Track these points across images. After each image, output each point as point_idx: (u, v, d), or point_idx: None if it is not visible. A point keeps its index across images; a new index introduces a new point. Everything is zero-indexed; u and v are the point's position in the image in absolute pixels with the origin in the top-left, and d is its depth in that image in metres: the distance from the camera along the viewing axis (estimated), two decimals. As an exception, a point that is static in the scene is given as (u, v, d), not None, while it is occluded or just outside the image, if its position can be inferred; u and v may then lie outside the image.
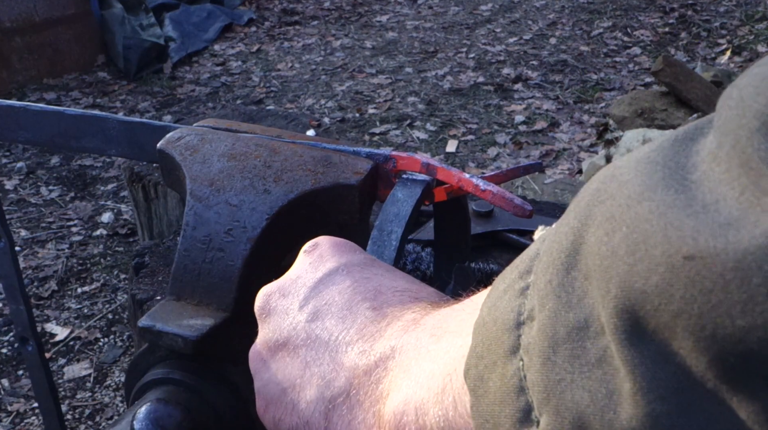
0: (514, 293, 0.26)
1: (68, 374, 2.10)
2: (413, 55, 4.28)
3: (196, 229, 0.55)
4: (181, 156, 0.59)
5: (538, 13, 4.81)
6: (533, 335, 0.24)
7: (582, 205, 0.23)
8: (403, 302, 0.38)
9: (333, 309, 0.38)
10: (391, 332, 0.36)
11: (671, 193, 0.20)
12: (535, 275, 0.25)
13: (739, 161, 0.19)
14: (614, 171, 0.23)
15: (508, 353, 0.25)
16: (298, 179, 0.56)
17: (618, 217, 0.21)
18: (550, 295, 0.23)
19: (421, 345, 0.33)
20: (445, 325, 0.33)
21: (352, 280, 0.39)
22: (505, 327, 0.26)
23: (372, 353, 0.35)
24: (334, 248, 0.42)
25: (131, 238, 2.69)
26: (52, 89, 4.02)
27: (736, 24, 4.35)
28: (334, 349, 0.37)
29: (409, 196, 0.57)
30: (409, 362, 0.33)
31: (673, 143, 0.22)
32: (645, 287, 0.20)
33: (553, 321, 0.23)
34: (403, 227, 0.55)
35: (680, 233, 0.19)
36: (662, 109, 2.94)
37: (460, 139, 3.28)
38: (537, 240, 0.28)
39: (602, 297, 0.21)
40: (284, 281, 0.41)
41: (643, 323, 0.20)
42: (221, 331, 0.51)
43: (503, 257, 0.93)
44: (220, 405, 0.50)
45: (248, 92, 3.94)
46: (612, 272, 0.21)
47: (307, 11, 5.17)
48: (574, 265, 0.23)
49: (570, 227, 0.23)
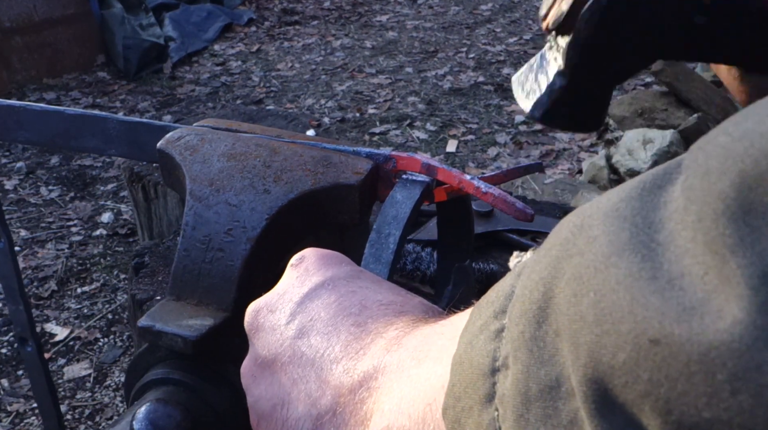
0: (489, 334, 0.26)
1: (68, 374, 2.10)
2: (413, 55, 4.28)
3: (195, 229, 0.55)
4: (180, 156, 0.59)
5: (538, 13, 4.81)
6: (507, 387, 0.24)
7: (552, 255, 0.23)
8: (388, 316, 0.38)
9: (318, 325, 0.38)
10: (374, 350, 0.36)
11: (637, 260, 0.20)
12: (509, 319, 0.25)
13: (704, 239, 0.19)
14: (583, 220, 0.23)
15: (484, 400, 0.25)
16: (298, 179, 0.56)
17: (586, 279, 0.21)
18: (523, 347, 0.24)
19: (402, 367, 0.34)
20: (426, 348, 0.33)
21: (337, 294, 0.39)
22: (481, 372, 0.26)
23: (356, 372, 0.35)
24: (320, 261, 0.42)
25: (131, 238, 2.69)
26: (52, 89, 4.02)
27: (736, 24, 4.35)
28: (319, 366, 0.37)
29: (407, 198, 0.57)
30: (391, 384, 0.34)
31: (641, 193, 0.22)
32: (613, 362, 0.20)
33: (526, 376, 0.23)
34: (401, 229, 0.55)
35: (646, 313, 0.19)
36: (662, 109, 2.94)
37: (460, 139, 3.28)
38: (512, 273, 0.27)
39: (572, 361, 0.22)
40: (271, 297, 0.42)
41: (612, 395, 0.20)
42: (221, 331, 0.51)
43: (503, 257, 0.93)
44: (219, 405, 0.50)
45: (248, 92, 3.94)
46: (581, 339, 0.21)
47: (307, 11, 5.17)
48: (545, 319, 0.23)
49: (540, 277, 0.24)
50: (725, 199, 0.19)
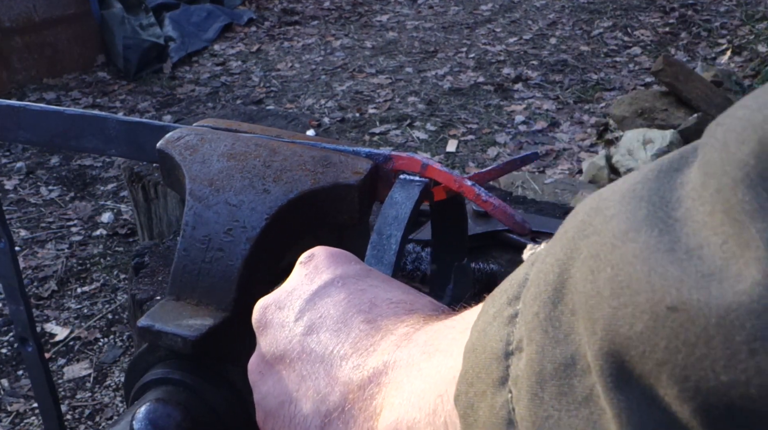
0: (503, 320, 0.26)
1: (68, 374, 2.10)
2: (413, 55, 4.28)
3: (195, 229, 0.55)
4: (180, 156, 0.59)
5: (538, 13, 4.81)
6: (521, 368, 0.24)
7: (568, 237, 0.24)
8: (398, 314, 0.38)
9: (328, 322, 0.38)
10: (385, 346, 0.36)
11: (655, 234, 0.20)
12: (523, 303, 0.25)
13: (723, 208, 0.19)
14: (599, 203, 0.23)
15: (497, 383, 0.25)
16: (297, 179, 0.56)
17: (603, 256, 0.21)
18: (538, 328, 0.24)
19: (413, 362, 0.34)
20: (437, 342, 0.33)
21: (347, 292, 0.39)
22: (494, 356, 0.26)
23: (365, 368, 0.35)
24: (330, 259, 0.42)
25: (131, 238, 2.69)
26: (52, 89, 4.02)
27: (736, 24, 4.35)
28: (329, 363, 0.37)
29: (407, 199, 0.57)
30: (401, 379, 0.34)
31: (657, 174, 0.22)
32: (630, 333, 0.20)
33: (541, 356, 0.23)
34: (402, 230, 0.55)
35: (664, 282, 0.19)
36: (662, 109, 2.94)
37: (460, 139, 3.28)
38: (525, 263, 0.27)
39: (588, 337, 0.22)
40: (280, 293, 0.41)
41: (629, 367, 0.20)
42: (221, 331, 0.51)
43: (503, 257, 0.93)
44: (219, 405, 0.50)
45: (248, 92, 3.94)
46: (597, 314, 0.21)
47: (307, 11, 5.17)
48: (560, 299, 0.23)
49: (556, 259, 0.24)
50: (744, 167, 0.19)
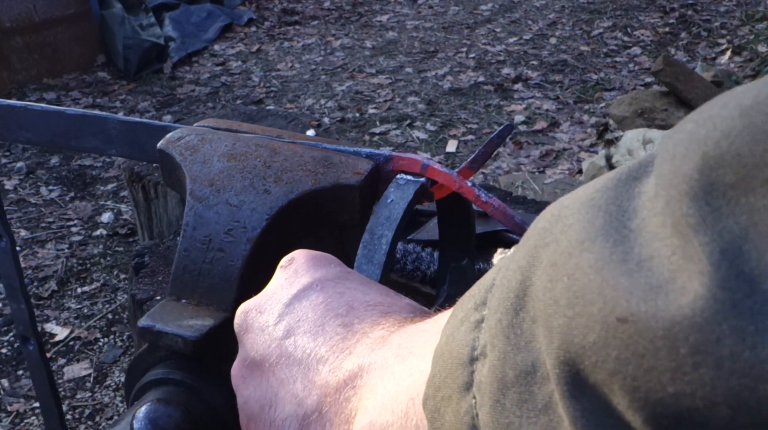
0: (469, 325, 0.27)
1: (68, 374, 2.10)
2: (413, 55, 4.28)
3: (196, 229, 0.55)
4: (181, 156, 0.59)
5: (538, 13, 4.81)
6: (485, 374, 0.24)
7: (530, 245, 0.24)
8: (374, 317, 0.38)
9: (306, 326, 0.38)
10: (360, 349, 0.36)
11: (609, 244, 0.21)
12: (488, 309, 0.26)
13: (672, 221, 0.19)
14: (560, 211, 0.23)
15: (462, 388, 0.26)
16: (298, 179, 0.56)
17: (560, 265, 0.22)
18: (500, 335, 0.24)
19: (386, 365, 0.34)
20: (410, 345, 0.34)
21: (325, 295, 0.39)
22: (460, 361, 0.26)
23: (341, 371, 0.36)
24: (310, 262, 0.42)
25: (131, 238, 2.69)
26: (52, 89, 4.02)
27: (736, 24, 4.35)
28: (306, 367, 0.37)
29: (401, 199, 0.57)
30: (375, 382, 0.34)
31: (617, 183, 0.22)
32: (583, 342, 0.20)
33: (503, 363, 0.24)
34: (394, 230, 0.55)
35: (614, 293, 0.20)
36: (662, 109, 2.94)
37: (460, 139, 3.28)
38: (494, 268, 0.28)
39: (546, 345, 0.22)
40: (261, 298, 0.42)
41: (583, 376, 0.21)
42: (221, 331, 0.51)
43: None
44: (219, 405, 0.50)
45: (248, 92, 3.94)
46: (554, 322, 0.21)
47: (307, 11, 5.17)
48: (522, 306, 0.23)
49: (518, 266, 0.24)
50: (689, 181, 0.19)
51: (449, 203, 0.64)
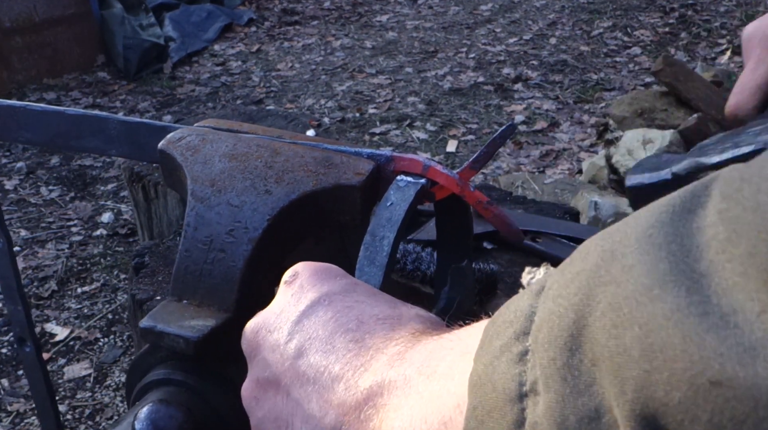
0: (512, 357, 0.26)
1: (68, 374, 2.10)
2: (413, 55, 4.27)
3: (197, 229, 0.55)
4: (182, 156, 0.59)
5: (538, 13, 4.81)
6: (539, 414, 0.24)
7: (581, 281, 0.23)
8: (385, 331, 0.38)
9: (317, 344, 0.38)
10: (376, 366, 0.36)
11: (683, 293, 0.20)
12: (534, 342, 0.25)
13: (758, 274, 0.19)
14: (613, 247, 0.23)
15: (512, 426, 0.25)
16: (299, 180, 0.56)
17: (626, 312, 0.21)
18: (555, 376, 0.23)
19: (410, 383, 0.34)
20: (434, 364, 0.33)
21: (333, 311, 0.39)
22: (507, 397, 0.26)
23: (358, 389, 0.35)
24: (314, 277, 0.42)
25: (131, 238, 2.69)
26: (52, 89, 4.02)
27: (736, 24, 4.35)
28: (321, 386, 0.37)
29: (401, 200, 0.57)
30: (399, 401, 0.34)
31: (672, 217, 0.22)
32: (666, 400, 0.20)
33: (561, 406, 0.23)
34: (396, 232, 0.55)
35: (702, 352, 0.19)
36: (662, 109, 2.94)
37: (460, 139, 3.27)
38: (528, 291, 0.27)
39: (616, 395, 0.21)
40: (269, 316, 0.41)
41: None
42: (223, 332, 0.51)
43: (503, 257, 0.92)
44: (221, 406, 0.50)
45: (248, 92, 3.93)
46: (626, 373, 0.21)
47: (307, 11, 5.17)
48: (578, 347, 0.23)
49: (570, 303, 0.23)
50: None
51: (448, 204, 0.63)
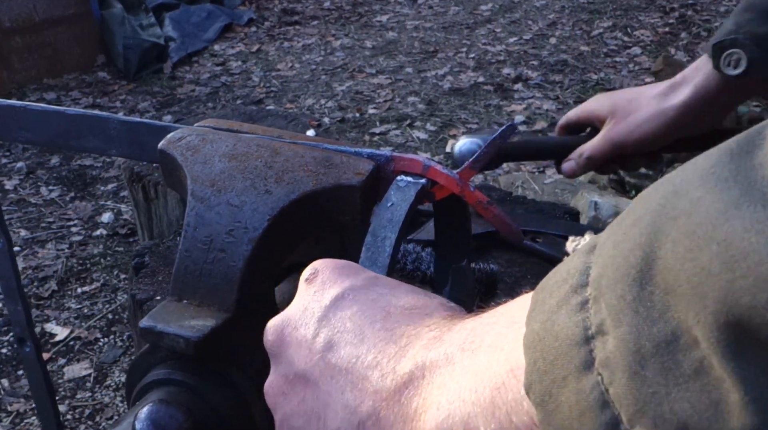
0: (572, 307, 0.27)
1: (68, 374, 2.10)
2: (413, 55, 4.28)
3: (197, 229, 0.55)
4: (182, 156, 0.59)
5: (538, 13, 4.81)
6: (611, 350, 0.25)
7: (646, 221, 0.24)
8: (414, 320, 0.38)
9: (346, 336, 0.39)
10: (413, 351, 0.36)
11: (759, 208, 0.21)
12: (595, 289, 0.26)
13: None
14: (676, 187, 0.24)
15: (581, 368, 0.26)
16: (299, 180, 0.56)
17: (702, 235, 0.22)
18: (626, 310, 0.24)
19: (453, 361, 0.34)
20: (478, 340, 0.34)
21: (359, 304, 0.40)
22: (572, 342, 0.26)
23: (397, 374, 0.36)
24: (335, 273, 0.42)
25: (131, 238, 2.69)
26: (52, 89, 4.02)
27: (736, 24, 4.35)
28: (354, 375, 0.37)
29: (402, 201, 0.57)
30: (443, 379, 0.34)
31: (732, 157, 0.23)
32: (753, 302, 0.20)
33: (636, 336, 0.24)
34: (397, 232, 0.55)
35: None
36: (662, 110, 2.94)
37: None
38: (579, 252, 0.28)
39: (696, 312, 0.22)
40: (293, 313, 0.42)
41: (751, 335, 0.21)
42: (223, 332, 0.51)
43: (503, 257, 0.92)
44: (221, 406, 0.50)
45: (248, 92, 3.94)
46: (706, 290, 0.22)
47: (307, 11, 5.17)
48: (648, 280, 0.24)
49: (636, 243, 0.24)
50: None
51: (446, 204, 0.64)
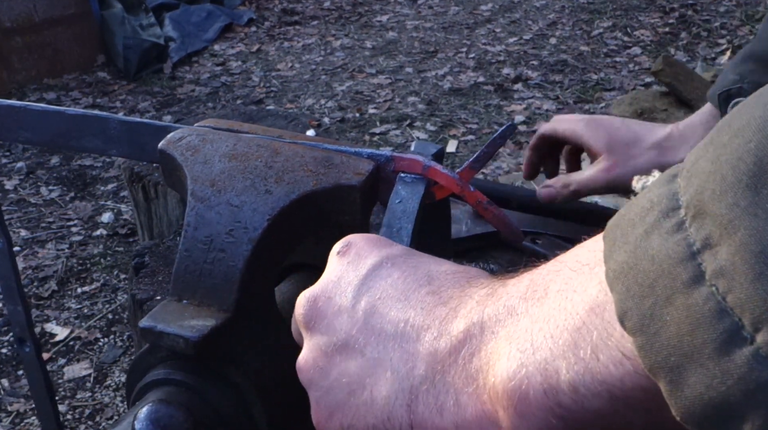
0: (665, 231, 0.27)
1: (68, 374, 2.10)
2: (413, 55, 4.28)
3: (197, 229, 0.55)
4: (182, 156, 0.59)
5: (538, 13, 4.81)
6: (725, 258, 0.25)
7: (752, 129, 0.25)
8: (460, 283, 0.38)
9: (390, 302, 0.37)
10: (466, 311, 0.35)
11: None
12: (694, 208, 0.26)
13: None
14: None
15: (689, 283, 0.26)
16: (299, 180, 0.56)
17: None
18: (742, 216, 0.24)
19: (517, 311, 0.33)
20: (541, 288, 0.33)
21: (400, 271, 0.39)
22: (674, 261, 0.26)
23: (452, 335, 0.35)
24: (370, 244, 0.41)
25: (131, 238, 2.69)
26: (52, 89, 4.02)
27: (736, 24, 4.35)
28: (404, 339, 0.36)
29: (413, 193, 0.57)
30: (508, 331, 0.33)
31: None
32: None
33: (758, 238, 0.24)
34: (413, 222, 0.55)
35: None
36: (662, 109, 2.94)
37: (460, 139, 3.27)
38: (656, 185, 0.28)
39: None
40: (326, 284, 0.41)
41: None
42: (223, 332, 0.51)
43: (503, 257, 0.92)
44: (221, 406, 0.50)
45: (248, 92, 3.94)
46: None
47: (307, 11, 5.17)
48: (762, 184, 0.24)
49: (744, 151, 0.25)
50: None
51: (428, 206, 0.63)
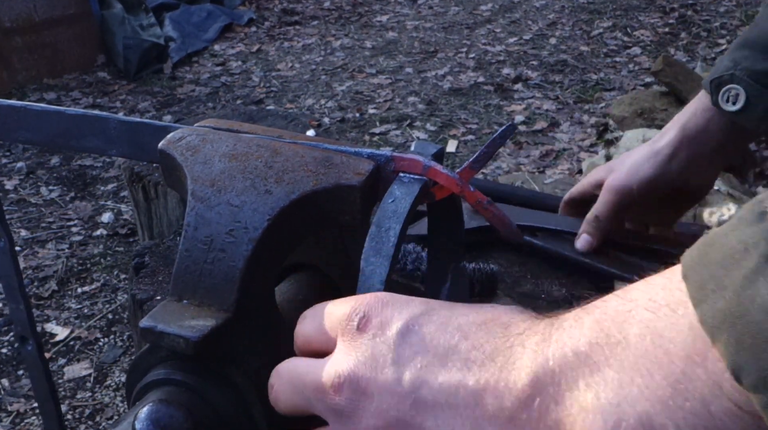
0: (745, 222, 0.27)
1: (68, 374, 2.10)
2: (413, 55, 4.27)
3: (197, 229, 0.55)
4: (182, 156, 0.59)
5: (538, 13, 4.81)
6: None
7: None
8: (496, 333, 0.36)
9: (432, 369, 0.36)
10: (522, 362, 0.34)
11: None
12: None
13: None
14: None
15: None
16: (299, 180, 0.56)
17: None
18: None
19: (593, 360, 0.32)
20: (616, 332, 0.31)
21: (429, 334, 0.37)
22: None
23: (516, 388, 0.34)
24: (386, 309, 0.39)
25: (131, 238, 2.69)
26: (52, 89, 4.02)
27: (736, 24, 4.35)
28: (461, 406, 0.35)
29: (406, 194, 0.57)
30: (588, 380, 0.32)
31: None
32: None
33: None
34: (401, 223, 0.55)
35: None
36: (662, 109, 2.94)
37: (460, 139, 3.27)
38: (743, 223, 0.28)
39: None
40: (359, 365, 0.38)
41: None
42: (223, 332, 0.51)
43: (503, 257, 0.92)
44: (221, 406, 0.50)
45: (248, 92, 3.94)
46: None
47: (307, 11, 5.17)
48: None
49: None
50: None
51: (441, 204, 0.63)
